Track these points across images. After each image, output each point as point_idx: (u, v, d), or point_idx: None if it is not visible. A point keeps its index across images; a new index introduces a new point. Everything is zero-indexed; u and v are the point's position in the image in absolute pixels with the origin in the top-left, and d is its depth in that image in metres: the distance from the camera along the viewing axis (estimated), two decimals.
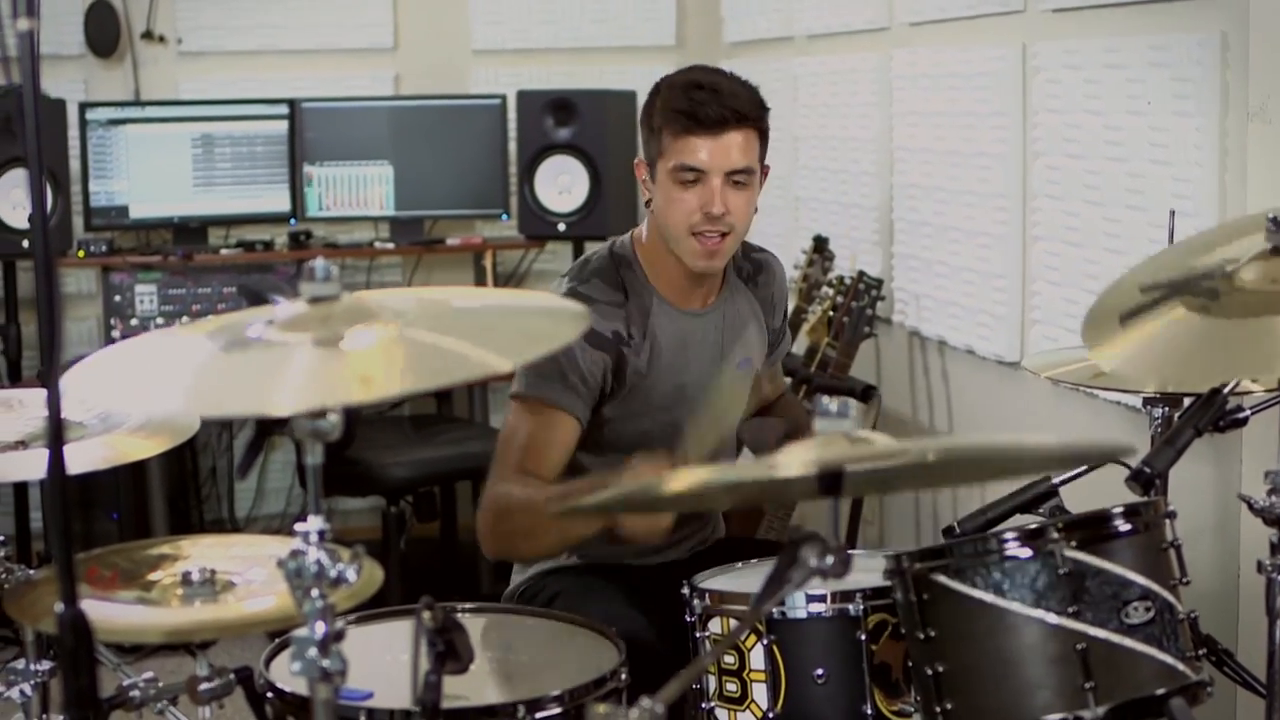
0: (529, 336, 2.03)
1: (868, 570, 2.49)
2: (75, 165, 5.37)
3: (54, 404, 1.70)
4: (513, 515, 2.82)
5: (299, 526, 1.87)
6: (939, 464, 1.87)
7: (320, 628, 1.84)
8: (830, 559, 1.74)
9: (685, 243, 2.91)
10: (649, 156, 2.96)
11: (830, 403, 1.83)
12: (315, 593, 1.85)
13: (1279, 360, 2.23)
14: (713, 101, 2.85)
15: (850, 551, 1.78)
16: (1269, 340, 2.21)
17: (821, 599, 2.49)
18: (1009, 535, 2.25)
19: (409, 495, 5.03)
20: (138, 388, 1.94)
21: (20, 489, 5.02)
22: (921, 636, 2.29)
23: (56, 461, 1.71)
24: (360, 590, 2.07)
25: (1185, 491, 3.06)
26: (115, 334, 5.26)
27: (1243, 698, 3.08)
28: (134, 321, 5.30)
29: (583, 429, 2.90)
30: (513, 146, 5.68)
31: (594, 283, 2.97)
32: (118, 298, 5.31)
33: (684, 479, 1.93)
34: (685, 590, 2.63)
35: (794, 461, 1.77)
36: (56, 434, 1.71)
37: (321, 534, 1.87)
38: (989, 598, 2.23)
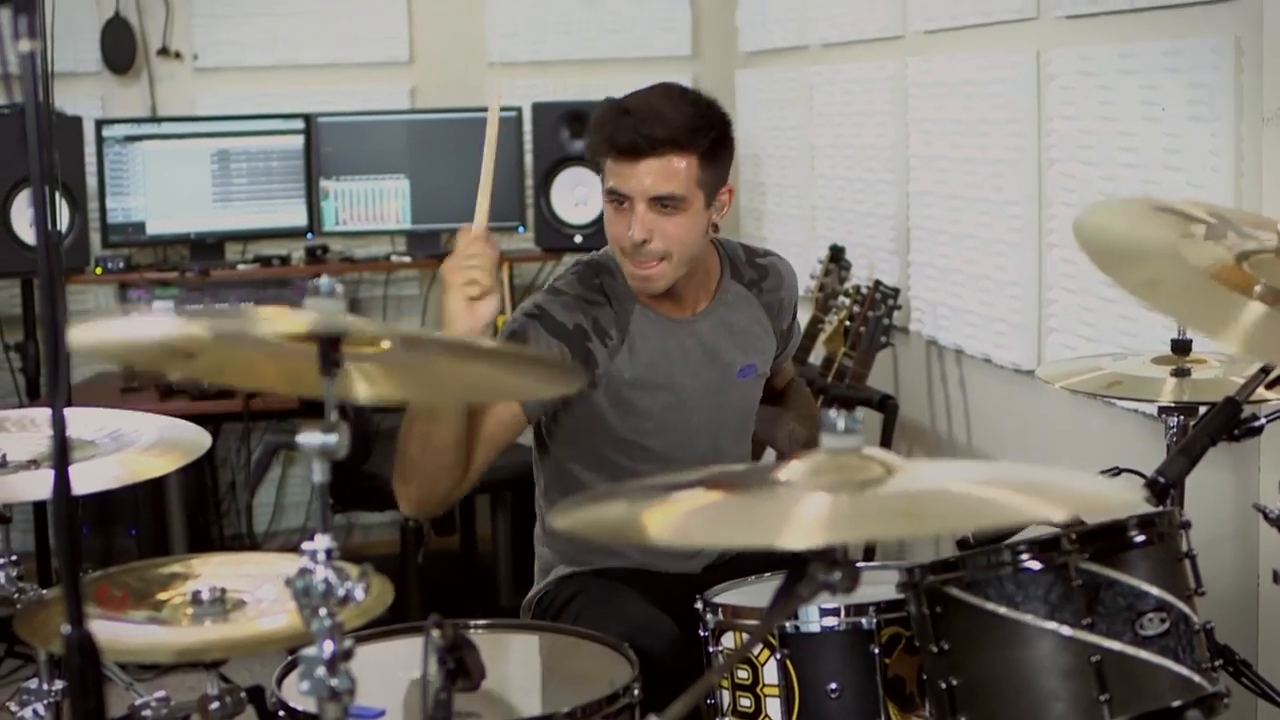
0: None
1: (881, 583, 2.48)
2: (92, 182, 5.39)
3: (59, 423, 1.70)
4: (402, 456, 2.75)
5: (306, 545, 1.86)
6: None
7: (329, 646, 1.83)
8: (839, 574, 1.72)
9: (623, 264, 2.92)
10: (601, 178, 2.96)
11: (837, 417, 1.82)
12: (323, 611, 1.85)
13: None
14: (629, 129, 2.80)
15: (860, 565, 1.77)
16: None
17: (835, 613, 2.48)
18: (1022, 547, 2.23)
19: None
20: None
21: (40, 507, 5.03)
22: (935, 650, 2.27)
23: (62, 481, 1.70)
24: (370, 608, 2.06)
25: (1204, 501, 3.05)
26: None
27: (1264, 709, 3.05)
28: None
29: (526, 417, 2.90)
30: (529, 159, 5.68)
31: (569, 279, 2.99)
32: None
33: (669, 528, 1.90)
34: (699, 605, 2.62)
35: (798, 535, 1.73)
36: (62, 453, 1.70)
37: (329, 552, 1.86)
38: (1002, 610, 2.21)
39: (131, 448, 2.59)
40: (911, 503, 1.79)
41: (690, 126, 2.83)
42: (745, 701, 2.52)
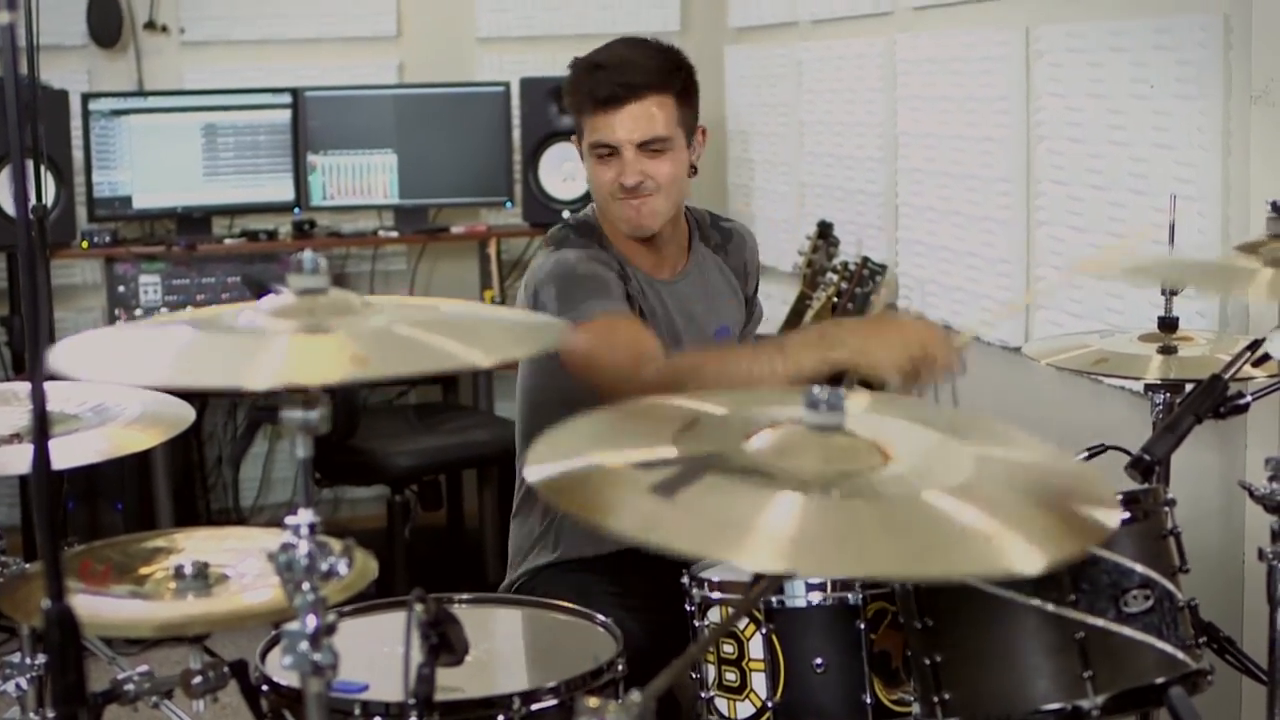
0: (512, 336, 2.06)
1: None
2: (78, 156, 5.37)
3: (39, 397, 1.69)
4: (696, 376, 2.64)
5: (289, 519, 1.85)
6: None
7: (311, 621, 1.83)
8: None
9: (612, 208, 2.96)
10: (576, 135, 3.01)
11: (821, 392, 1.81)
12: (306, 586, 1.84)
13: None
14: (607, 79, 2.89)
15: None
16: None
17: (821, 587, 2.48)
18: None
19: (414, 484, 5.03)
20: (122, 362, 1.91)
21: (25, 481, 5.01)
22: (919, 626, 2.27)
23: (41, 456, 1.69)
24: (354, 582, 2.05)
25: (1190, 478, 3.05)
26: (120, 322, 5.25)
27: (1247, 686, 3.06)
28: (138, 312, 5.30)
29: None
30: (517, 134, 5.67)
31: (573, 239, 2.99)
32: (122, 288, 5.31)
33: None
34: (685, 579, 2.62)
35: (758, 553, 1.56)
36: (41, 427, 1.69)
37: (312, 527, 1.85)
38: (987, 586, 2.21)
39: (115, 421, 2.58)
40: (877, 527, 1.62)
41: (663, 69, 2.93)
42: (731, 676, 2.52)
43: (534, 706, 2.24)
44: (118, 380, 1.81)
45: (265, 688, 2.31)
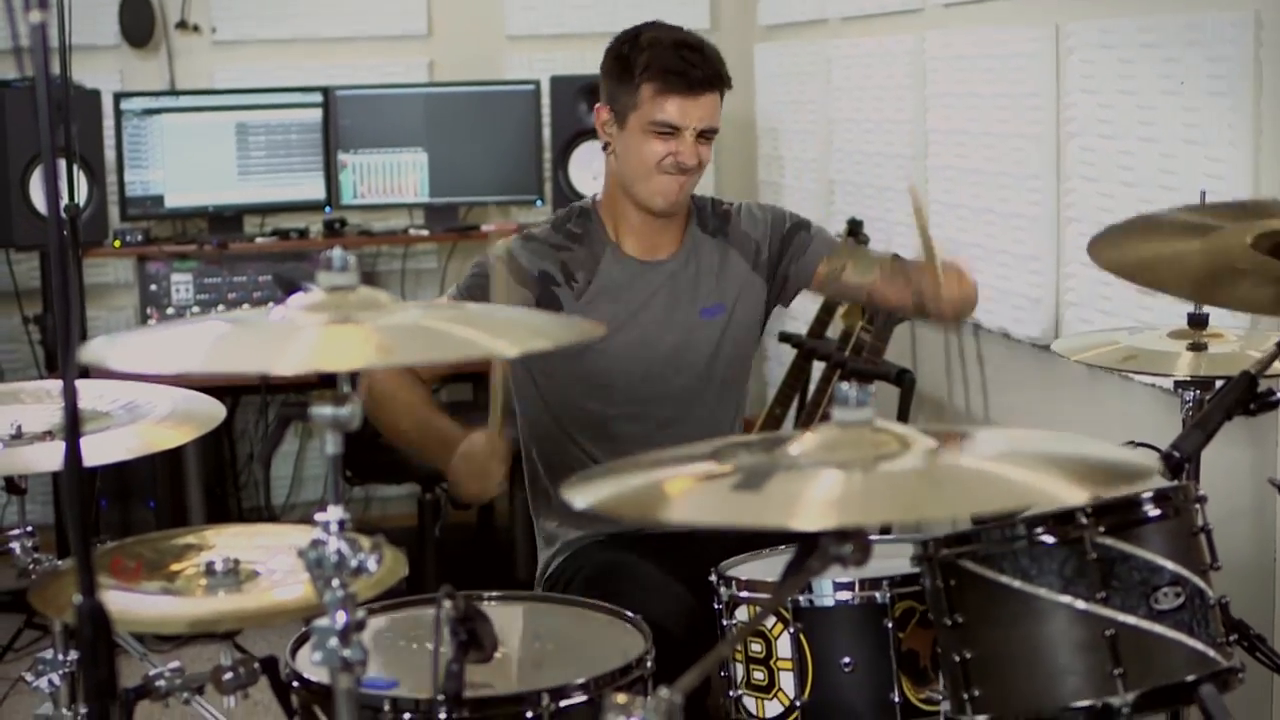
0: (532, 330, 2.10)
1: (895, 557, 2.47)
2: (111, 155, 5.39)
3: (70, 394, 1.70)
4: (388, 405, 3.01)
5: (319, 516, 1.87)
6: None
7: (341, 617, 1.84)
8: (850, 547, 1.72)
9: (650, 181, 3.03)
10: (618, 105, 3.05)
11: (850, 389, 1.81)
12: (336, 582, 1.85)
13: None
14: (702, 64, 2.99)
15: (872, 538, 1.76)
16: None
17: (849, 586, 2.48)
18: (1037, 521, 2.23)
19: (444, 482, 5.03)
20: (155, 353, 1.93)
21: (58, 479, 5.04)
22: (949, 623, 2.27)
23: (73, 453, 1.70)
24: (383, 579, 2.06)
25: (1220, 475, 3.03)
26: (152, 323, 5.27)
27: (1278, 684, 3.05)
28: (170, 310, 5.32)
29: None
30: (547, 132, 5.68)
31: (544, 226, 3.16)
32: (154, 287, 5.34)
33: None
34: (713, 577, 2.62)
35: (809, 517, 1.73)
36: (73, 425, 1.70)
37: (342, 523, 1.86)
38: (1017, 584, 2.21)
39: (146, 419, 2.59)
40: (924, 482, 1.78)
41: (723, 64, 3.06)
42: (759, 675, 2.52)
43: (563, 703, 2.24)
44: (150, 369, 1.82)
45: (295, 684, 2.32)
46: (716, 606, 2.61)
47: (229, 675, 2.28)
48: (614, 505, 1.81)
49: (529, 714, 2.22)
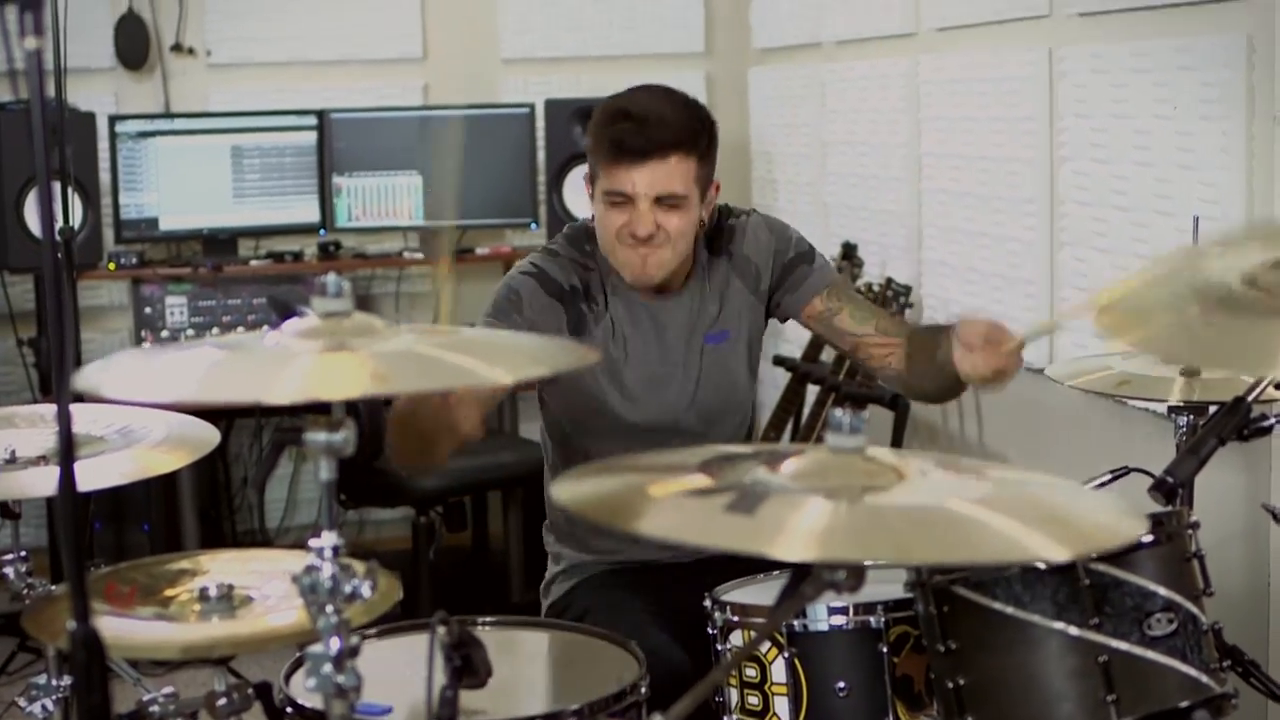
0: (529, 355, 2.09)
1: (889, 582, 2.47)
2: (106, 178, 5.40)
3: (64, 419, 1.70)
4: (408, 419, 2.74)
5: (312, 542, 1.87)
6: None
7: (335, 643, 1.84)
8: (843, 573, 1.72)
9: (618, 253, 2.94)
10: (591, 173, 2.97)
11: (843, 415, 1.82)
12: (330, 608, 1.85)
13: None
14: (637, 133, 2.84)
15: (865, 564, 1.76)
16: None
17: (843, 611, 2.48)
18: None
19: (439, 506, 5.04)
20: (149, 380, 1.94)
21: (52, 503, 5.03)
22: (943, 649, 2.27)
23: (66, 477, 1.70)
24: (378, 604, 2.06)
25: (1213, 500, 3.03)
26: (146, 346, 5.27)
27: (1273, 710, 3.05)
28: (164, 333, 5.33)
29: None
30: (541, 155, 5.69)
31: (561, 241, 3.06)
32: (148, 310, 5.34)
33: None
34: (707, 603, 2.62)
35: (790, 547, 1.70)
36: (67, 449, 1.70)
37: (336, 549, 1.86)
38: (1010, 610, 2.21)
39: (140, 443, 2.59)
40: (908, 523, 1.75)
41: (689, 128, 2.89)
42: (753, 700, 2.52)
43: None
44: (144, 397, 1.82)
45: (289, 710, 2.32)
46: (711, 631, 2.60)
47: (223, 701, 2.27)
48: (594, 508, 1.80)
49: None
